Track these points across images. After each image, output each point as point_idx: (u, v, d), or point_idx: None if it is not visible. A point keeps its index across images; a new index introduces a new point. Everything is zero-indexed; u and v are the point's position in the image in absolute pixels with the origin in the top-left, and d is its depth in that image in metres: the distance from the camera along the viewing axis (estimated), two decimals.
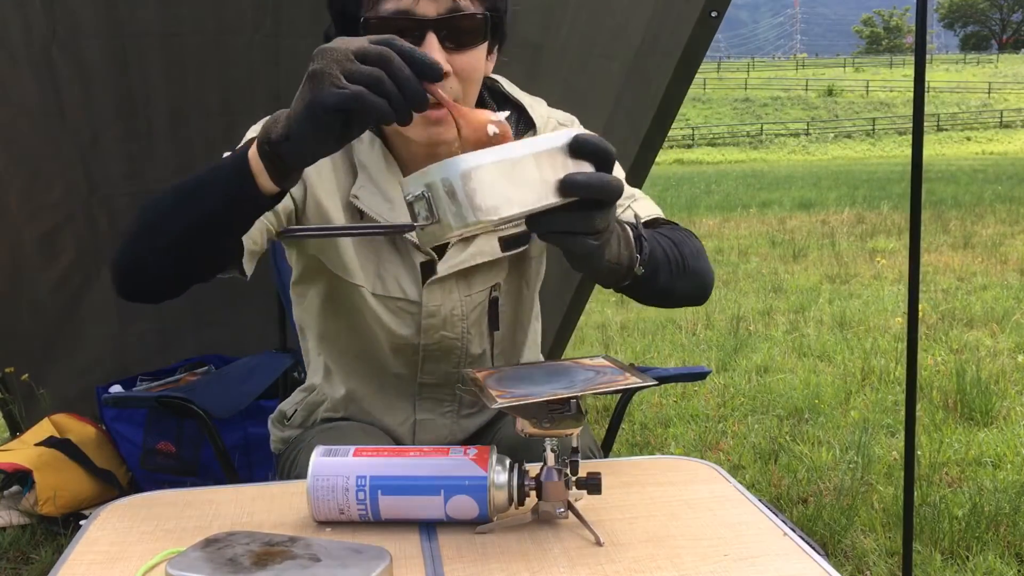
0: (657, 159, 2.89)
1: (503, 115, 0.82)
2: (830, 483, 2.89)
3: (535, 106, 1.26)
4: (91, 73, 2.39)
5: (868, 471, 2.96)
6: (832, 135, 47.56)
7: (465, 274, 1.23)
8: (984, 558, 2.35)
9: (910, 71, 2.11)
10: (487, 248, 1.23)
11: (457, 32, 1.06)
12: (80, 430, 2.72)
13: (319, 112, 0.78)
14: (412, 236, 1.19)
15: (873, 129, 47.67)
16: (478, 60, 1.11)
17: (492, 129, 0.81)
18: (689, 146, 44.19)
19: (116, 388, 2.73)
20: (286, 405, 1.41)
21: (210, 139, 2.57)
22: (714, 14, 2.46)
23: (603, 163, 0.78)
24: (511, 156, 0.74)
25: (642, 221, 1.14)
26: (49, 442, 2.63)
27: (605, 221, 0.81)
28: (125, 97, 2.46)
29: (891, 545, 2.44)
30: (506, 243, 1.23)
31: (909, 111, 1.97)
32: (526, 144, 0.75)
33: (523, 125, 1.23)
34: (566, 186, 0.76)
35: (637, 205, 1.21)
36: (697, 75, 2.77)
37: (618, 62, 2.65)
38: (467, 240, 1.21)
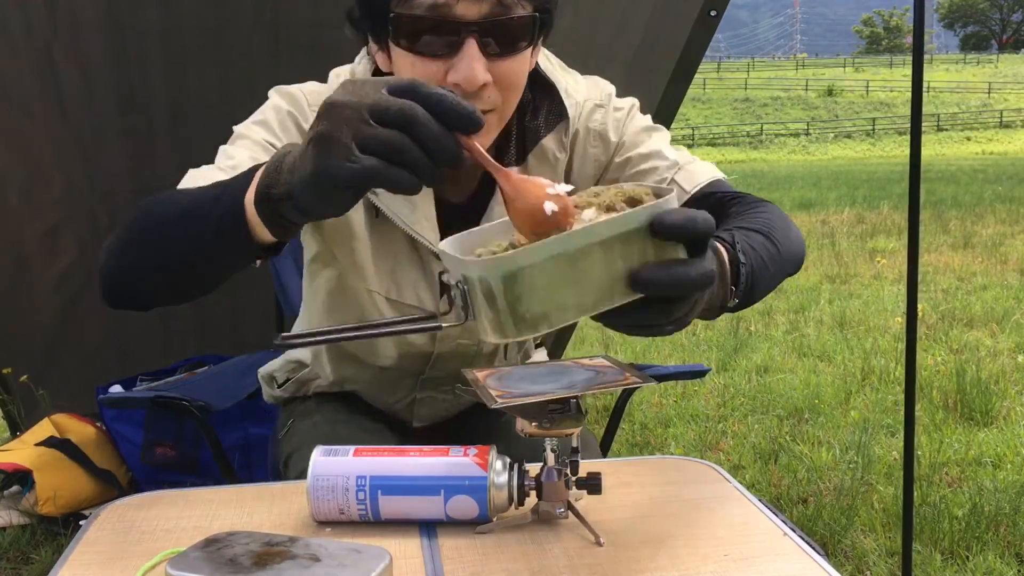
0: None
1: (564, 188, 0.66)
2: (830, 483, 2.89)
3: (571, 89, 1.12)
4: (92, 71, 2.39)
5: (868, 471, 2.96)
6: (832, 135, 47.59)
7: None
8: (984, 558, 2.35)
9: (910, 71, 2.13)
10: None
11: (501, 36, 0.92)
12: (80, 430, 2.72)
13: (326, 185, 0.65)
14: (431, 245, 1.09)
15: (873, 129, 47.70)
16: (522, 65, 0.97)
17: (550, 207, 0.64)
18: (689, 146, 43.81)
19: (116, 388, 2.72)
20: (275, 368, 1.38)
21: (211, 135, 2.57)
22: (713, 13, 2.47)
23: (694, 245, 0.65)
24: (571, 248, 0.59)
25: (697, 190, 1.06)
26: (49, 442, 2.63)
27: (687, 308, 0.68)
28: (126, 94, 2.47)
29: (891, 545, 2.44)
30: None
31: (909, 111, 1.96)
32: (593, 229, 0.60)
33: (553, 115, 1.10)
34: (637, 283, 0.62)
35: (684, 175, 1.08)
36: (697, 75, 2.77)
37: (617, 62, 2.65)
38: None
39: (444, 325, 0.65)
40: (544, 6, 0.95)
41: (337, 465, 0.86)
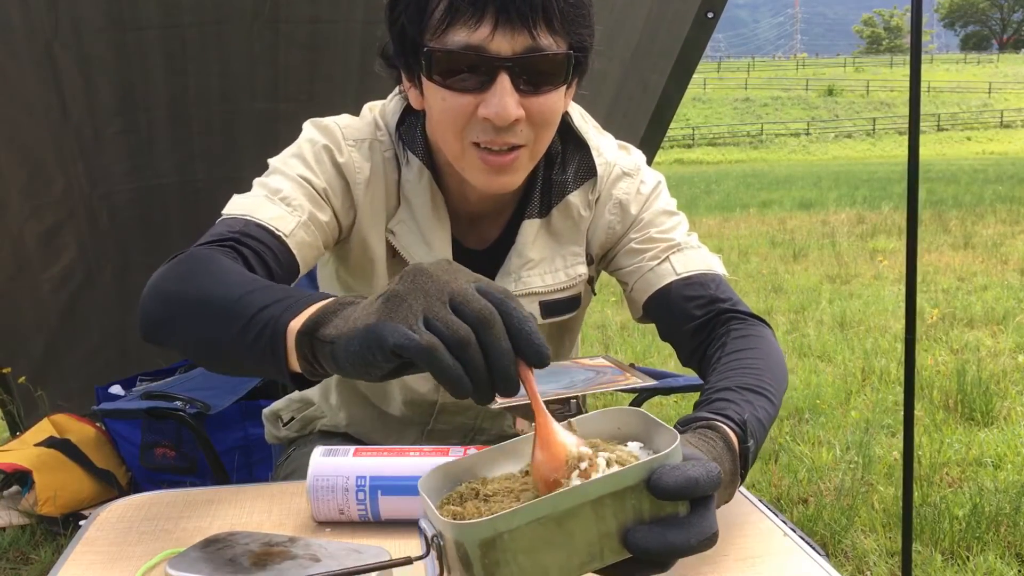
0: (657, 159, 2.89)
1: (588, 450, 0.60)
2: (830, 483, 2.89)
3: (602, 148, 1.12)
4: (92, 68, 2.39)
5: (868, 471, 2.96)
6: (832, 135, 47.58)
7: None
8: (984, 558, 2.35)
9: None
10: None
11: (534, 74, 0.92)
12: (79, 430, 2.72)
13: (374, 343, 0.59)
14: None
15: (873, 129, 47.70)
16: (556, 103, 0.96)
17: (575, 470, 0.58)
18: (689, 146, 44.19)
19: (116, 388, 2.72)
20: (280, 407, 1.37)
21: (210, 130, 2.58)
22: (710, 15, 2.47)
23: (697, 502, 0.60)
24: (559, 509, 0.54)
25: (690, 275, 1.05)
26: (49, 442, 2.63)
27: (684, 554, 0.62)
28: (127, 92, 2.47)
29: (891, 545, 2.44)
30: (548, 309, 1.10)
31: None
32: (585, 488, 0.55)
33: (583, 171, 1.10)
34: (629, 544, 0.57)
35: (680, 257, 1.07)
36: (697, 75, 2.79)
37: (615, 62, 2.65)
38: None
39: (416, 556, 0.61)
40: (580, 45, 0.95)
41: (337, 465, 0.86)
